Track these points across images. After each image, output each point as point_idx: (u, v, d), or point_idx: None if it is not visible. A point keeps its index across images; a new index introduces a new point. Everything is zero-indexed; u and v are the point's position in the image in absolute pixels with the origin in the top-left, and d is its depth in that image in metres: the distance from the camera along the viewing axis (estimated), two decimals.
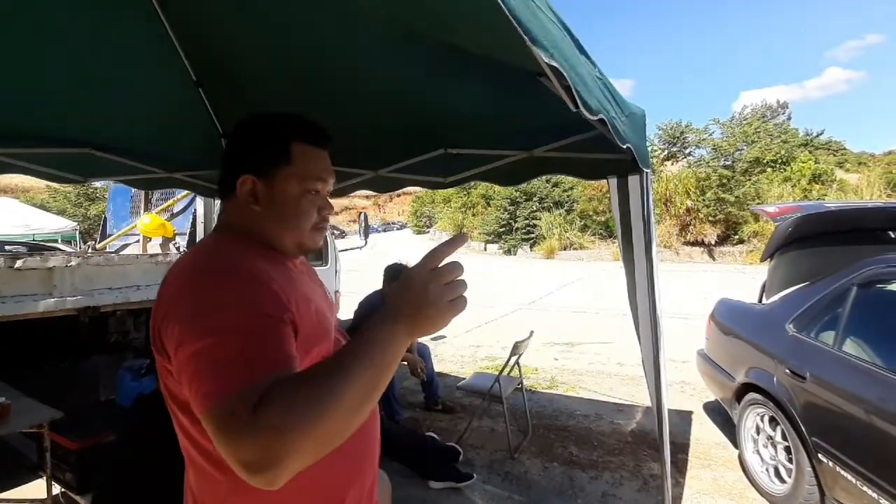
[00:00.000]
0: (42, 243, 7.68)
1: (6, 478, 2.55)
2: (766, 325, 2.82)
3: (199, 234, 3.82)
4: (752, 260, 14.81)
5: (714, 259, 16.28)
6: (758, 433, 2.72)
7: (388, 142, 2.80)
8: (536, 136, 2.46)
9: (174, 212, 4.15)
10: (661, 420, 2.13)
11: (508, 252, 21.87)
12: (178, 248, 3.81)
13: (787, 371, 2.40)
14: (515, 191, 22.21)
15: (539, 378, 4.70)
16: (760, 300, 3.24)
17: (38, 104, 2.43)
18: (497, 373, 3.17)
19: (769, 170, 17.03)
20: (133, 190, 4.26)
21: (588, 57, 1.39)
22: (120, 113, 2.56)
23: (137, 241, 3.91)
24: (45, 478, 2.22)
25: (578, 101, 1.21)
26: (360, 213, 5.62)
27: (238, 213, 0.87)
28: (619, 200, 2.25)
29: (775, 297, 2.98)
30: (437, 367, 4.20)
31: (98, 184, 21.65)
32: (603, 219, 20.11)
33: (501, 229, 22.55)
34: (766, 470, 2.61)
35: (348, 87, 2.45)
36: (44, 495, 2.19)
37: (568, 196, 21.59)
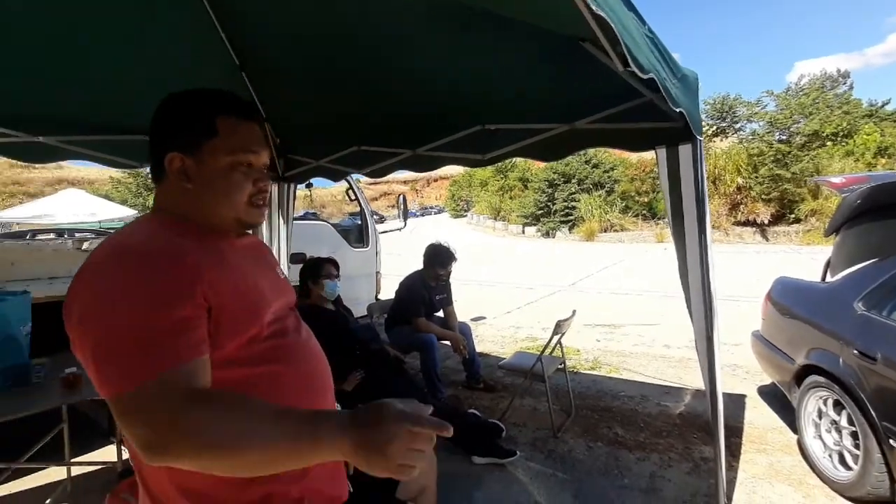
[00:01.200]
0: (107, 230, 8.21)
1: (80, 443, 2.75)
2: (830, 304, 2.64)
3: None
4: (810, 240, 13.90)
5: (767, 239, 15.38)
6: (820, 417, 2.57)
7: (424, 120, 2.78)
8: (578, 107, 2.37)
9: None
10: (714, 402, 2.05)
11: (547, 235, 21.51)
12: None
13: (855, 352, 2.24)
14: (554, 172, 21.71)
15: (581, 359, 4.62)
16: (824, 278, 3.03)
17: (96, 94, 2.55)
18: (538, 353, 3.14)
19: (829, 143, 15.80)
20: None
21: (637, 14, 1.31)
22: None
23: None
24: (115, 443, 2.39)
25: (628, 58, 1.14)
26: (399, 196, 5.66)
27: (170, 194, 0.86)
28: (668, 172, 2.14)
29: (841, 275, 2.77)
30: (478, 348, 4.20)
31: None
32: (646, 199, 19.37)
33: (539, 212, 22.16)
34: (829, 456, 2.47)
35: (384, 67, 2.44)
36: (115, 459, 2.36)
37: (608, 177, 20.90)
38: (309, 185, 4.63)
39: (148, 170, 1.03)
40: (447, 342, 3.68)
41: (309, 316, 2.50)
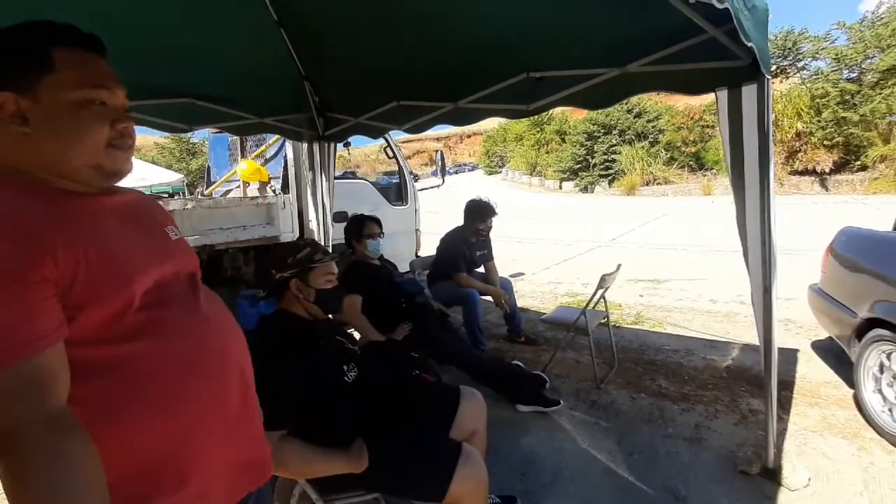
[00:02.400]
0: (158, 194, 8.62)
1: None
2: None
3: (291, 177, 4.04)
4: (877, 189, 12.88)
5: (827, 189, 14.35)
6: (881, 371, 2.48)
7: (464, 70, 2.69)
8: (630, 49, 2.23)
9: (267, 157, 4.41)
10: (769, 353, 2.01)
11: (585, 189, 20.90)
12: (274, 191, 4.08)
13: None
14: (593, 124, 20.77)
15: (623, 314, 4.59)
16: (895, 227, 2.83)
17: (140, 56, 2.60)
18: (580, 308, 3.13)
19: None
20: (230, 139, 4.56)
21: None
22: (211, 60, 2.66)
23: (238, 187, 4.23)
24: None
25: None
26: (437, 152, 5.60)
27: (7, 145, 0.73)
28: (728, 116, 2.01)
29: None
30: (518, 303, 4.23)
31: (195, 139, 23.63)
32: (693, 150, 18.32)
33: (577, 166, 21.43)
34: (889, 410, 2.40)
35: (423, 17, 2.35)
36: None
37: (653, 126, 19.80)
38: (347, 145, 4.65)
39: (191, 135, 0.95)
40: (488, 297, 3.73)
41: (354, 271, 2.57)
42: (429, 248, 5.72)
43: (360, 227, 2.78)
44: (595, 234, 9.75)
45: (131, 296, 0.73)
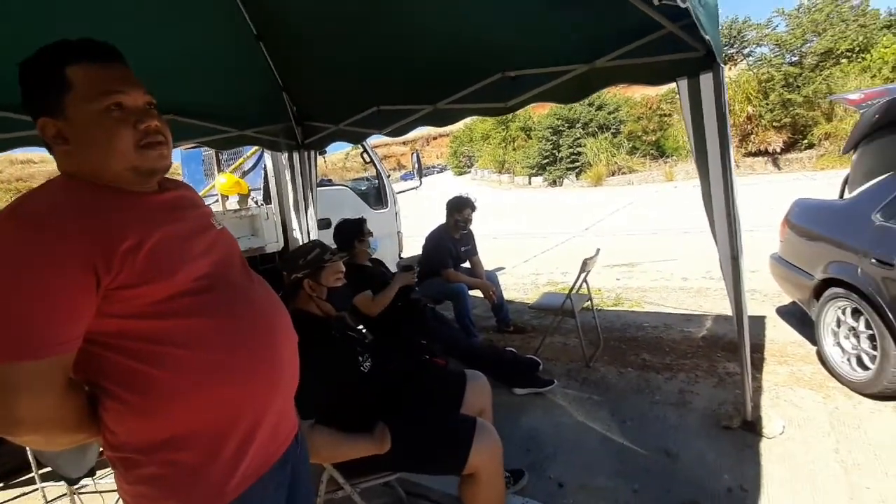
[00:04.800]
0: None
1: None
2: (849, 219, 2.74)
3: (272, 188, 4.07)
4: (824, 164, 13.69)
5: (780, 168, 15.16)
6: (839, 326, 2.74)
7: (443, 72, 2.82)
8: (596, 46, 2.40)
9: (245, 169, 4.42)
10: (740, 317, 2.21)
11: (554, 183, 21.34)
12: (256, 202, 4.10)
13: (874, 261, 2.36)
14: (557, 118, 21.25)
15: (603, 297, 4.81)
16: (842, 195, 3.11)
17: None
18: (564, 293, 3.30)
19: (844, 61, 15.20)
20: (203, 154, 4.55)
21: None
22: (193, 75, 2.70)
23: (216, 201, 4.23)
24: None
25: None
26: (413, 153, 5.70)
27: (61, 160, 0.83)
28: (689, 103, 2.21)
29: (859, 190, 2.86)
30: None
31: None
32: (653, 138, 19.00)
33: (545, 161, 21.87)
34: (848, 360, 2.65)
35: (400, 21, 2.47)
36: None
37: (614, 118, 20.42)
38: (322, 153, 4.71)
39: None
40: (476, 291, 3.86)
41: (353, 272, 2.65)
42: (411, 250, 5.83)
43: (360, 228, 2.87)
44: (568, 226, 10.04)
45: (182, 280, 0.81)
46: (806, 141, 14.95)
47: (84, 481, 2.13)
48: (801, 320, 3.49)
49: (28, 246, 0.69)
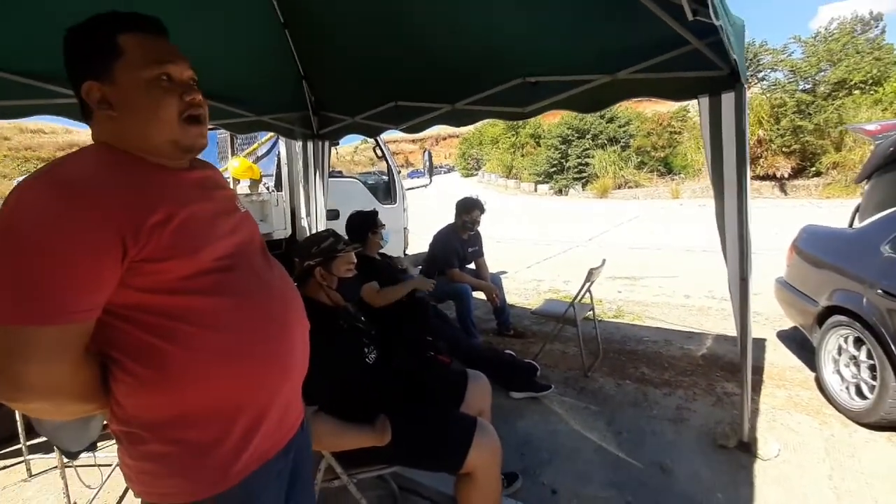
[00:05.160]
0: None
1: None
2: (857, 248, 2.75)
3: (284, 175, 4.08)
4: (830, 193, 13.71)
5: (786, 194, 15.19)
6: (839, 354, 2.74)
7: (464, 73, 2.82)
8: (620, 57, 2.41)
9: (259, 155, 4.43)
10: (745, 338, 2.22)
11: (560, 192, 21.38)
12: (267, 188, 4.11)
13: (881, 291, 2.36)
14: (567, 128, 21.31)
15: (605, 308, 4.81)
16: (851, 224, 3.12)
17: None
18: (566, 301, 3.31)
19: (857, 92, 15.23)
20: (219, 137, 4.56)
21: None
22: (217, 58, 2.70)
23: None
24: None
25: (710, 4, 1.19)
26: (425, 151, 5.71)
27: (100, 127, 0.83)
28: (710, 121, 2.22)
29: (869, 220, 2.86)
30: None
31: None
32: (662, 155, 19.04)
33: (552, 169, 21.92)
34: (846, 388, 2.66)
35: (424, 20, 2.48)
36: None
37: (624, 132, 20.47)
38: (335, 144, 4.72)
39: None
40: (478, 292, 3.87)
41: (363, 264, 2.66)
42: (416, 247, 5.84)
43: (374, 220, 2.87)
44: (572, 235, 10.05)
45: (205, 258, 0.82)
46: (814, 168, 14.98)
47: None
48: (801, 345, 3.50)
49: (60, 210, 0.69)
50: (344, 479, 1.62)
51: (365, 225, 2.88)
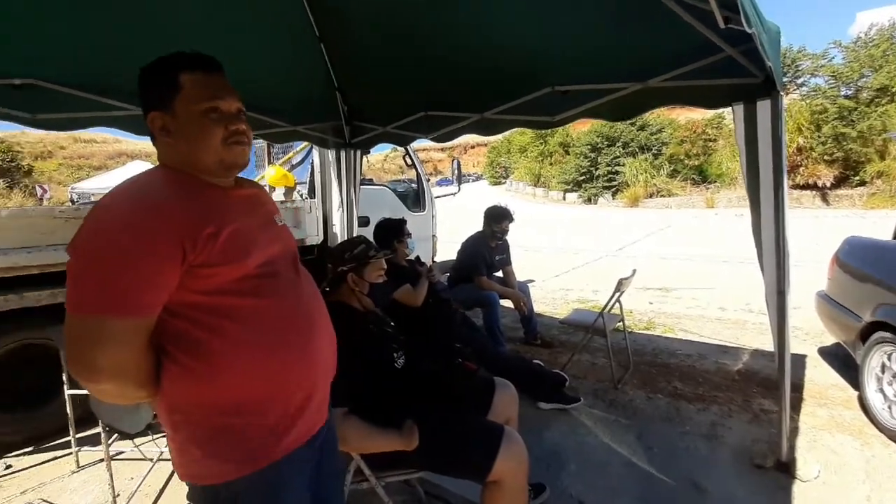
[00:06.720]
0: None
1: None
2: None
3: (317, 183, 4.20)
4: (874, 204, 13.05)
5: (828, 203, 14.53)
6: (883, 371, 2.61)
7: (493, 82, 2.86)
8: (651, 65, 2.39)
9: (293, 163, 4.57)
10: (782, 353, 2.15)
11: (589, 201, 21.09)
12: (301, 196, 4.23)
13: None
14: (597, 136, 21.04)
15: (635, 319, 4.72)
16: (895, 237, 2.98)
17: None
18: (594, 311, 3.27)
19: None
20: (256, 146, 4.73)
21: None
22: (258, 72, 2.82)
23: None
24: None
25: (742, 14, 1.18)
26: (454, 160, 5.76)
27: (162, 150, 0.98)
28: (745, 129, 2.17)
29: None
30: None
31: None
32: (696, 163, 18.55)
33: (581, 177, 21.65)
34: (889, 407, 2.53)
35: (453, 32, 2.52)
36: None
37: (656, 139, 20.06)
38: (366, 153, 4.82)
39: None
40: (505, 300, 3.86)
41: (390, 272, 2.71)
42: (444, 254, 5.87)
43: (401, 228, 2.92)
44: (601, 244, 9.91)
45: (251, 264, 0.93)
46: (857, 178, 14.30)
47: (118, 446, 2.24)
48: (844, 363, 3.34)
49: (136, 221, 0.83)
50: (372, 481, 1.65)
51: (391, 233, 2.93)
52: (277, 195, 4.24)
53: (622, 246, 9.71)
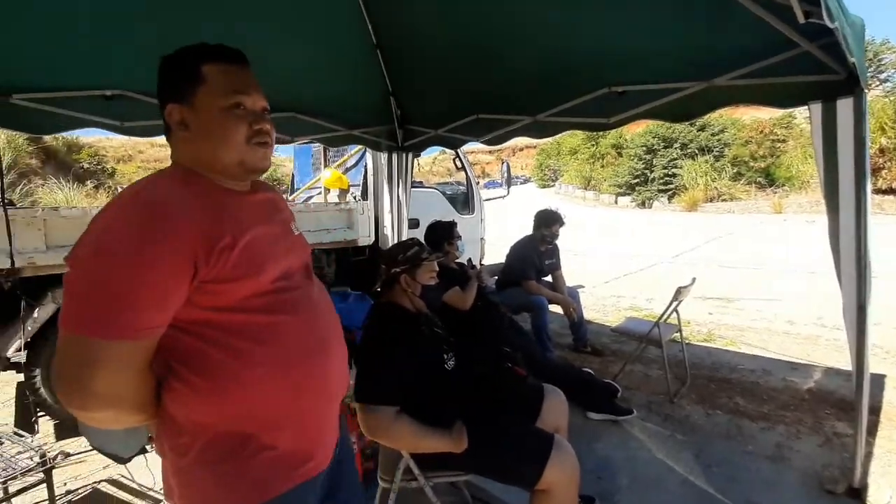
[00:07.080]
0: None
1: None
2: None
3: (371, 186, 4.31)
4: None
5: None
6: None
7: (546, 84, 2.81)
8: (717, 63, 2.27)
9: (348, 166, 4.73)
10: (861, 371, 1.97)
11: (643, 205, 20.33)
12: (354, 198, 4.37)
13: None
14: (653, 137, 20.26)
15: (693, 330, 4.48)
16: None
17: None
18: (648, 320, 3.14)
19: None
20: (313, 149, 4.93)
21: None
22: (315, 78, 2.95)
23: (319, 193, 4.56)
24: None
25: (824, 6, 1.10)
26: (503, 162, 5.74)
27: (178, 147, 0.90)
28: (822, 129, 2.02)
29: None
30: None
31: (281, 154, 24.93)
32: (762, 165, 17.42)
33: (635, 180, 20.90)
34: None
35: (506, 33, 2.49)
36: None
37: (717, 140, 19.01)
38: (417, 156, 4.90)
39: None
40: (555, 306, 3.79)
41: (442, 275, 2.74)
42: (492, 257, 5.85)
43: (451, 231, 2.95)
44: (656, 250, 9.50)
45: (265, 280, 0.86)
46: None
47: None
48: None
49: (142, 235, 0.74)
50: (421, 480, 1.67)
51: (441, 235, 2.95)
52: (332, 197, 4.40)
53: (679, 252, 9.26)
